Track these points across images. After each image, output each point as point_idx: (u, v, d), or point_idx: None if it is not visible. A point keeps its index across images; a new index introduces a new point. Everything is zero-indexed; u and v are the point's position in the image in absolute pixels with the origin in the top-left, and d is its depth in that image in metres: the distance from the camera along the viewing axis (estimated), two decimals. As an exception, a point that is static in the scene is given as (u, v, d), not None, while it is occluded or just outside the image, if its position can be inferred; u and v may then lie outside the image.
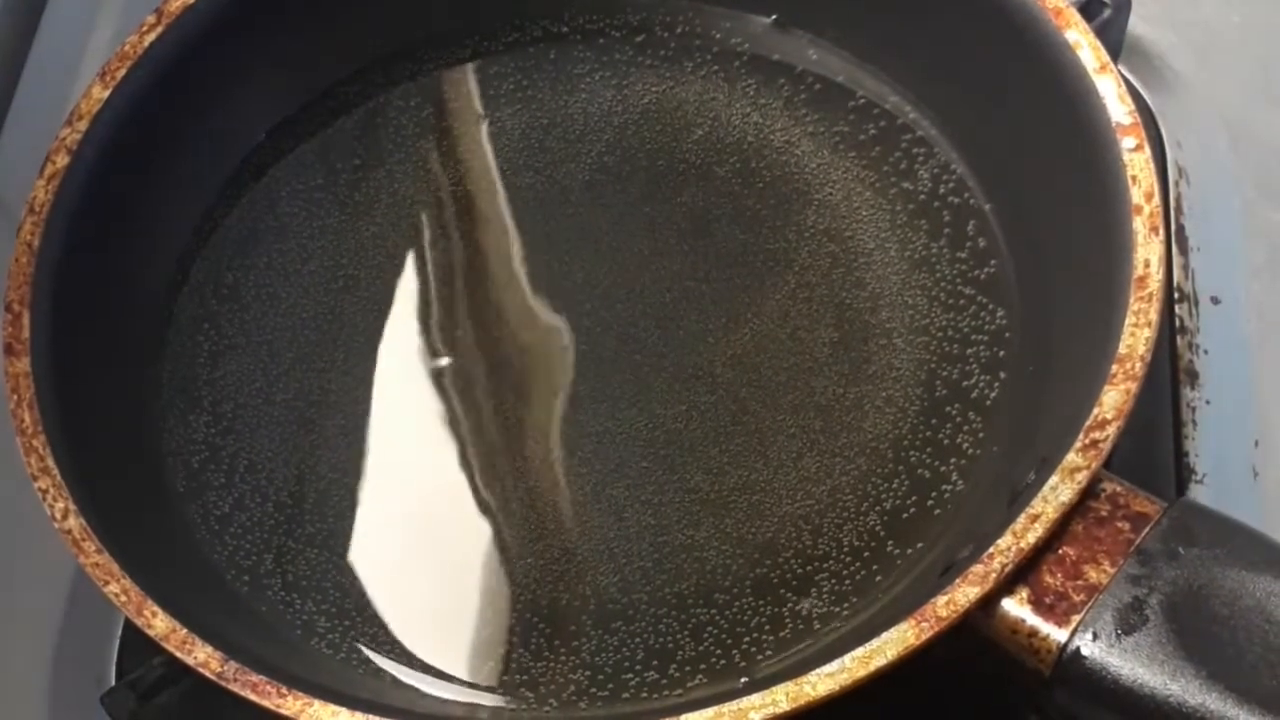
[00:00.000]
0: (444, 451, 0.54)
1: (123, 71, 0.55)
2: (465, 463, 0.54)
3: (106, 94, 0.55)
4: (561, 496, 0.52)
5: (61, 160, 0.54)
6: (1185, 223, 0.60)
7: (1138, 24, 0.60)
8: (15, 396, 0.49)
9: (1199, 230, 0.60)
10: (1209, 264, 0.60)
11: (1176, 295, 0.59)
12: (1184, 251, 0.60)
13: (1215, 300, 0.59)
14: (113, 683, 0.55)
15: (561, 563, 0.51)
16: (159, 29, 0.56)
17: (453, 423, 0.55)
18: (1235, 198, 0.61)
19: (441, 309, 0.57)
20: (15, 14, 0.71)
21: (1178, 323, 0.58)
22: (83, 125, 0.54)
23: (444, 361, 0.56)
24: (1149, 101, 0.63)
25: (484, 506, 0.53)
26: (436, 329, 0.56)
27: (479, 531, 0.52)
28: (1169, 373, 0.57)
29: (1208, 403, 0.57)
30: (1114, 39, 0.55)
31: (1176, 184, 0.61)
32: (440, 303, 0.57)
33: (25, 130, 0.67)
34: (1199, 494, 0.55)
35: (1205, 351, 0.58)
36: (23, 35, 0.70)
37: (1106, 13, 0.55)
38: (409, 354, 0.56)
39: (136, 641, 0.46)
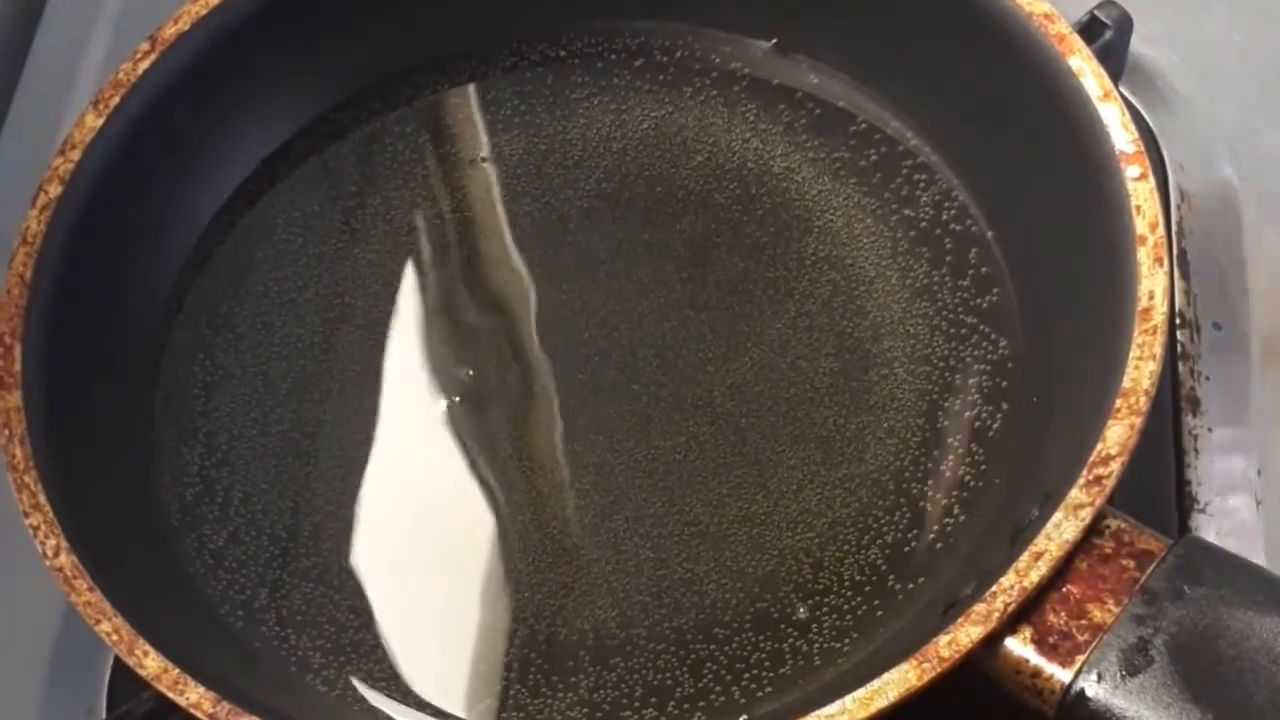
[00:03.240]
0: (440, 483, 0.54)
1: (116, 99, 0.55)
2: (461, 495, 0.53)
3: (99, 122, 0.54)
4: (559, 529, 0.52)
5: (54, 190, 0.53)
6: (1187, 247, 0.60)
7: (1139, 44, 0.59)
8: (6, 431, 0.49)
9: (1201, 254, 0.60)
10: (1211, 289, 0.59)
11: (1178, 321, 0.58)
12: (1186, 276, 0.59)
13: (1217, 326, 0.58)
14: (104, 715, 0.54)
15: (559, 597, 0.51)
16: (152, 56, 0.55)
17: (449, 454, 0.54)
18: (1238, 221, 0.60)
19: (438, 337, 0.56)
20: (6, 39, 0.70)
21: (1179, 349, 0.58)
22: (75, 154, 0.54)
23: (441, 391, 0.55)
24: (1150, 123, 0.62)
25: (480, 539, 0.52)
26: (433, 358, 0.56)
27: (475, 565, 0.52)
28: (1170, 400, 0.57)
29: (1210, 430, 0.56)
30: (1115, 61, 0.55)
31: (1179, 207, 0.61)
32: (437, 331, 0.57)
33: (16, 157, 0.66)
34: (1201, 523, 0.54)
35: (1207, 378, 0.57)
36: (14, 60, 0.70)
37: (1108, 34, 0.55)
38: (406, 383, 0.56)
39: (128, 673, 0.46)
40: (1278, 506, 0.55)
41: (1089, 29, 0.54)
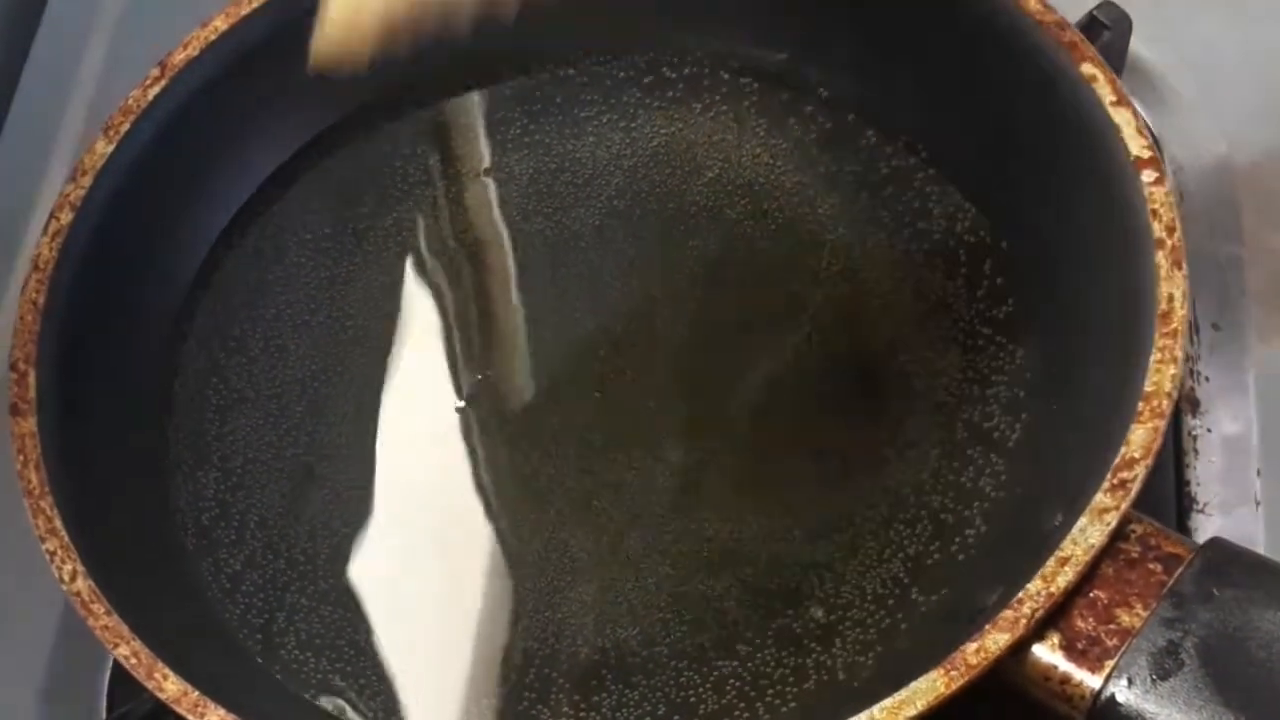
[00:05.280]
0: (457, 504, 0.53)
1: (126, 126, 0.55)
2: (479, 516, 0.53)
3: (110, 149, 0.54)
4: (578, 548, 0.52)
5: (66, 217, 0.53)
6: (1187, 247, 0.60)
7: (1138, 44, 0.59)
8: (22, 456, 0.49)
9: (1201, 255, 0.59)
10: (1211, 289, 0.59)
11: (1179, 321, 0.58)
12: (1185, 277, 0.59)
13: (1216, 327, 0.58)
14: (103, 716, 0.54)
15: (580, 615, 0.50)
16: (162, 82, 0.55)
17: (466, 475, 0.54)
18: (1236, 222, 0.60)
19: (452, 359, 0.56)
20: (6, 41, 0.70)
21: (1179, 350, 0.57)
22: (86, 181, 0.54)
23: (456, 412, 0.55)
24: (1150, 123, 0.62)
25: (500, 560, 0.52)
26: (448, 379, 0.56)
27: (495, 585, 0.51)
28: (1170, 401, 0.56)
29: (1209, 431, 0.56)
30: (1115, 61, 0.55)
31: (1178, 207, 0.60)
32: (451, 352, 0.56)
33: (14, 159, 0.66)
34: (1200, 523, 0.54)
35: (1206, 379, 0.57)
36: (13, 63, 0.69)
37: (1107, 34, 0.55)
38: (421, 405, 0.55)
39: (127, 675, 0.46)
40: (1278, 506, 0.54)
41: (1088, 29, 0.54)
